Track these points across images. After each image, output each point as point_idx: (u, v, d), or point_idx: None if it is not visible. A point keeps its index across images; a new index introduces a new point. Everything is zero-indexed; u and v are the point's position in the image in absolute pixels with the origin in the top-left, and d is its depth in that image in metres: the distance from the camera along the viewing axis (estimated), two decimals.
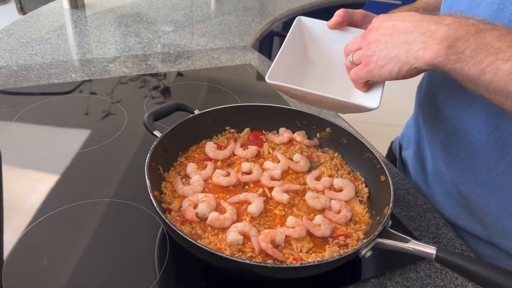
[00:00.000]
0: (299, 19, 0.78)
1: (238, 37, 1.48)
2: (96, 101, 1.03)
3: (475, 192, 0.73)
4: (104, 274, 0.62)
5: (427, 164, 0.84)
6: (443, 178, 0.79)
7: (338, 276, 0.65)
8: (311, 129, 0.84)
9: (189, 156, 0.78)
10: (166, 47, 1.35)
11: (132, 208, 0.72)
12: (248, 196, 0.68)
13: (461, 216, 0.78)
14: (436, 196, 0.82)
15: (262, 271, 0.54)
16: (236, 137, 0.83)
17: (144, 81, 1.14)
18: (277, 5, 1.80)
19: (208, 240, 0.61)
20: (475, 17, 0.54)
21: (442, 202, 0.81)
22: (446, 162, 0.77)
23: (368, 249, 0.57)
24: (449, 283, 0.65)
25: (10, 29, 1.37)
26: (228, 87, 1.14)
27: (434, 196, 0.83)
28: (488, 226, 0.74)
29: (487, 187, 0.70)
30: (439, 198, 0.82)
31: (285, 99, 1.11)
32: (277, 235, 0.61)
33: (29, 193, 0.74)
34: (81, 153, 0.85)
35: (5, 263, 0.61)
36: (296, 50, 0.78)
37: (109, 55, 1.26)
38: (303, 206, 0.69)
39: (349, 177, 0.76)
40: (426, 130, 0.83)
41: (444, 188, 0.80)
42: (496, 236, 0.73)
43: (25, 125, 0.92)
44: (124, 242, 0.67)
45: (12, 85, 1.05)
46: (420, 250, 0.54)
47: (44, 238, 0.66)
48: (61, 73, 1.13)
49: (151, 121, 0.74)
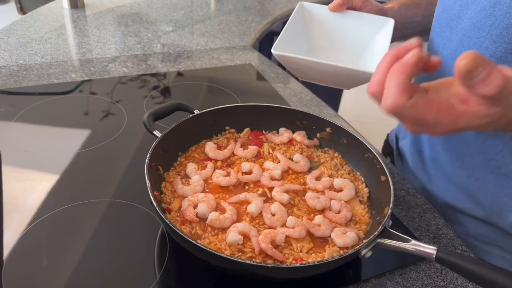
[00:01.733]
0: (301, 4, 0.81)
1: (238, 37, 1.48)
2: (96, 101, 1.03)
3: (473, 174, 0.74)
4: (104, 274, 0.62)
5: (425, 151, 0.85)
6: (441, 163, 0.80)
7: (338, 276, 0.65)
8: (311, 129, 0.84)
9: (189, 156, 0.78)
10: (166, 47, 1.35)
11: (132, 208, 0.72)
12: (248, 196, 0.68)
13: (460, 198, 0.79)
14: (435, 181, 0.84)
15: (262, 271, 0.54)
16: (236, 137, 0.83)
17: (144, 81, 1.14)
18: (277, 5, 1.80)
19: (208, 240, 0.61)
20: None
21: (441, 186, 0.82)
22: (444, 146, 0.78)
23: (368, 249, 0.57)
24: (449, 283, 0.65)
25: (10, 29, 1.37)
26: (228, 87, 1.14)
27: (432, 181, 0.84)
28: (486, 206, 0.75)
29: (485, 168, 0.71)
30: (437, 183, 0.83)
31: (285, 99, 1.11)
32: (277, 235, 0.61)
33: (29, 193, 0.74)
34: (81, 153, 0.85)
35: (5, 263, 0.61)
36: (299, 31, 0.80)
37: (109, 55, 1.26)
38: (303, 206, 0.69)
39: (349, 177, 0.76)
40: None
41: (442, 173, 0.81)
42: (494, 216, 0.75)
43: (25, 125, 0.92)
44: (124, 242, 0.67)
45: (12, 85, 1.05)
46: (420, 250, 0.54)
47: (44, 238, 0.66)
48: (61, 73, 1.13)
49: (151, 121, 0.74)
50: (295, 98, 1.13)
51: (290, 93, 1.15)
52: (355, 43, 0.81)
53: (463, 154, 0.74)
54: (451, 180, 0.79)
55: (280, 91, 1.15)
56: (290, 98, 1.12)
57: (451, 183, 0.80)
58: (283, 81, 1.22)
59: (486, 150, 0.70)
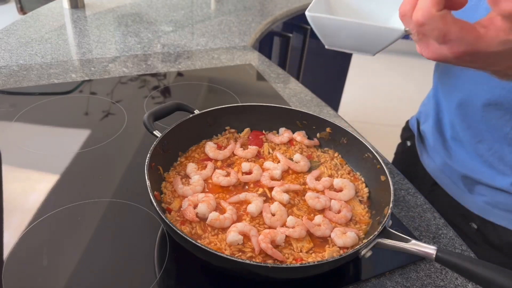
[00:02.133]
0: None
1: (238, 37, 1.48)
2: (96, 101, 1.03)
3: (492, 147, 0.80)
4: (104, 274, 0.62)
5: (446, 131, 0.90)
6: (461, 141, 0.86)
7: (338, 276, 0.65)
8: (311, 129, 0.84)
9: (189, 156, 0.78)
10: (166, 47, 1.35)
11: (132, 208, 0.72)
12: (248, 196, 0.68)
13: (479, 170, 0.83)
14: (455, 157, 0.88)
15: (262, 271, 0.54)
16: (236, 137, 0.83)
17: (144, 81, 1.14)
18: (277, 5, 1.80)
19: (208, 240, 0.61)
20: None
21: (461, 161, 0.87)
22: (463, 125, 0.83)
23: (368, 249, 0.57)
24: (449, 283, 0.65)
25: (10, 29, 1.37)
26: (228, 87, 1.14)
27: (453, 157, 0.89)
28: (506, 175, 0.80)
29: (503, 141, 0.77)
30: (458, 158, 0.88)
31: (285, 99, 1.11)
32: (277, 235, 0.61)
33: (29, 193, 0.74)
34: (81, 153, 0.85)
35: (5, 263, 0.61)
36: (327, 3, 0.83)
37: (109, 55, 1.26)
38: (303, 206, 0.69)
39: (349, 177, 0.76)
40: (445, 100, 0.89)
41: (463, 150, 0.86)
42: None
43: (25, 125, 0.92)
44: (124, 242, 0.67)
45: (12, 85, 1.05)
46: (420, 250, 0.54)
47: (44, 238, 0.66)
48: (61, 73, 1.13)
49: (151, 121, 0.74)
50: (295, 98, 1.13)
51: (290, 93, 1.15)
52: (379, 14, 0.84)
53: (482, 130, 0.80)
54: (471, 154, 0.84)
55: (280, 91, 1.15)
56: (290, 98, 1.12)
57: (471, 157, 0.84)
58: (283, 81, 1.22)
59: (504, 125, 0.75)
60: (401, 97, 3.49)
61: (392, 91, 3.60)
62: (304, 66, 1.99)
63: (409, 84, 3.77)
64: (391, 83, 3.77)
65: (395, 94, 3.57)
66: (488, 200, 0.83)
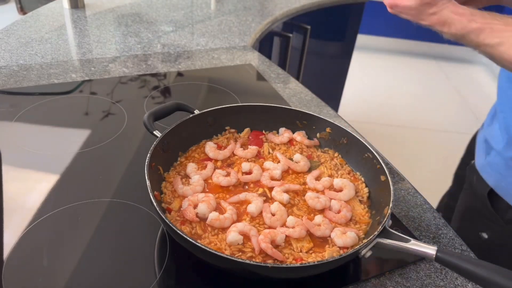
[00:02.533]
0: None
1: (238, 37, 1.48)
2: (96, 101, 1.03)
3: None
4: (104, 274, 0.62)
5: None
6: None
7: (338, 276, 0.65)
8: (311, 129, 0.84)
9: (189, 156, 0.78)
10: (166, 47, 1.35)
11: (132, 208, 0.72)
12: (248, 196, 0.68)
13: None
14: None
15: (262, 271, 0.54)
16: (236, 137, 0.83)
17: (144, 81, 1.14)
18: (277, 5, 1.80)
19: (208, 240, 0.61)
20: None
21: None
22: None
23: (368, 249, 0.57)
24: (449, 283, 0.65)
25: (10, 29, 1.37)
26: (228, 87, 1.14)
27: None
28: None
29: None
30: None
31: (285, 99, 1.11)
32: (277, 235, 0.61)
33: (29, 193, 0.74)
34: (81, 153, 0.85)
35: (5, 263, 0.61)
36: None
37: (109, 55, 1.26)
38: (303, 206, 0.69)
39: (349, 177, 0.76)
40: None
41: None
42: None
43: (25, 125, 0.92)
44: (124, 242, 0.67)
45: (12, 85, 1.05)
46: (420, 250, 0.54)
47: (44, 238, 0.66)
48: (61, 73, 1.13)
49: (151, 121, 0.74)
50: (295, 98, 1.13)
51: (290, 93, 1.15)
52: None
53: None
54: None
55: (280, 91, 1.16)
56: (290, 98, 1.12)
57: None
58: (283, 81, 1.22)
59: None
60: (401, 97, 3.50)
61: (392, 91, 3.60)
62: (304, 66, 1.98)
63: (409, 84, 3.77)
64: (391, 83, 3.77)
65: (395, 94, 3.57)
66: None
